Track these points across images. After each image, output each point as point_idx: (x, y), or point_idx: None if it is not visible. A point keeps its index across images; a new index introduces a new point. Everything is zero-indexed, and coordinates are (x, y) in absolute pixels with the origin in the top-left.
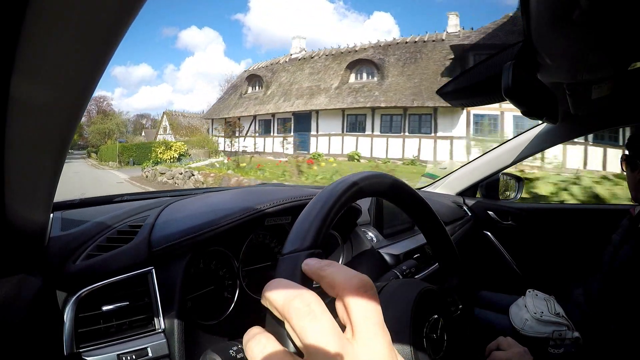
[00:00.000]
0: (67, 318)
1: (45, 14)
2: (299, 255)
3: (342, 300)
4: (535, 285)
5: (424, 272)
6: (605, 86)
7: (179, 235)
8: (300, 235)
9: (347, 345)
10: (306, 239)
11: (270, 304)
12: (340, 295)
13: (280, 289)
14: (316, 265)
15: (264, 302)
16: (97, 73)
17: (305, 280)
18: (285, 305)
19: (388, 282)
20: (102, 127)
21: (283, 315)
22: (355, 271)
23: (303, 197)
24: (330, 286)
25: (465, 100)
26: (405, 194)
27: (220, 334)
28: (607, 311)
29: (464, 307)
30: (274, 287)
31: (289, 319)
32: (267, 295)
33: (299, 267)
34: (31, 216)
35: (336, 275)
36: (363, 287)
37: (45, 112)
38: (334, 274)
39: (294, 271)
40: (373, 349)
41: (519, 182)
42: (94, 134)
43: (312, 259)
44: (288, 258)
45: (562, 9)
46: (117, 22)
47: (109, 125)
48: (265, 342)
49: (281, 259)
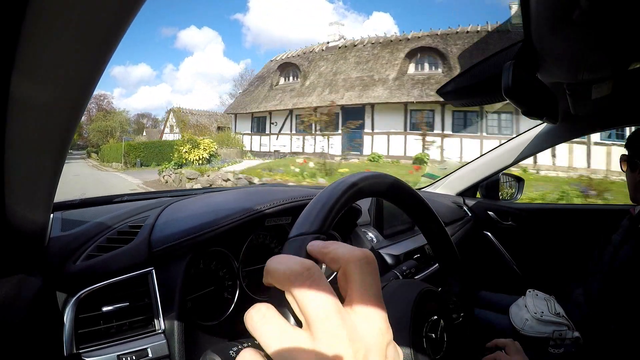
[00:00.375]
0: (67, 319)
1: (45, 13)
2: (304, 238)
3: (344, 272)
4: (535, 285)
5: (424, 272)
6: (605, 86)
7: (179, 235)
8: (307, 221)
9: (345, 314)
10: (313, 224)
11: (271, 275)
12: (343, 267)
13: (282, 260)
14: (320, 244)
15: (266, 280)
16: (97, 72)
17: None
18: (284, 274)
19: (388, 282)
20: (104, 124)
21: (283, 285)
22: (357, 247)
23: (303, 197)
24: (334, 260)
25: (465, 100)
26: (405, 194)
27: (221, 335)
28: (607, 311)
29: (464, 307)
30: (275, 259)
31: (289, 287)
32: (268, 268)
33: (304, 247)
34: (31, 216)
35: (339, 250)
36: (365, 259)
37: (45, 111)
38: (337, 249)
39: (299, 251)
40: (371, 321)
41: (519, 182)
42: (94, 133)
43: (317, 242)
44: (294, 240)
45: (562, 9)
46: (117, 22)
47: (111, 123)
48: (265, 312)
49: (287, 242)
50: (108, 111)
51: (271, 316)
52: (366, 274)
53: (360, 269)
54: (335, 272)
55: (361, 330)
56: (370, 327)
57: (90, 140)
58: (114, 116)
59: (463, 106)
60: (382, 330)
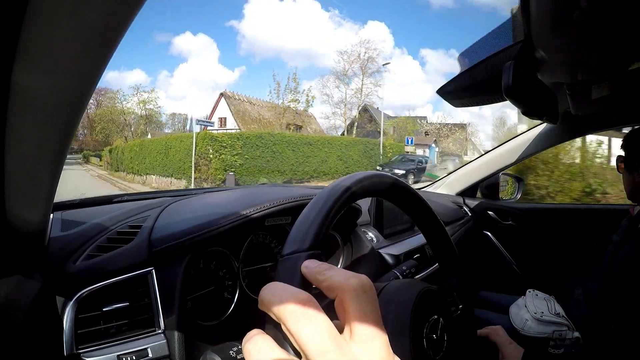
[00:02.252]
0: (67, 319)
1: (47, 7)
2: (298, 257)
3: (341, 301)
4: (535, 285)
5: (424, 272)
6: (605, 86)
7: (179, 235)
8: (299, 237)
9: (344, 345)
10: (306, 240)
11: (266, 307)
12: (339, 296)
13: (276, 292)
14: (315, 269)
15: (261, 307)
16: (98, 68)
17: (305, 283)
18: (280, 307)
19: (388, 282)
20: (109, 116)
21: (279, 318)
22: (354, 273)
23: (303, 197)
24: (330, 289)
25: (465, 100)
26: (405, 194)
27: (221, 335)
28: (607, 311)
29: (464, 307)
30: (269, 290)
31: (285, 322)
32: (262, 299)
33: (298, 269)
34: (31, 216)
35: (335, 278)
36: (362, 288)
37: (46, 109)
38: (333, 276)
39: (293, 273)
40: (371, 349)
41: (519, 182)
42: (100, 131)
43: (312, 261)
44: (287, 259)
45: (562, 9)
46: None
47: (119, 115)
48: (262, 344)
49: (281, 260)
50: (113, 109)
51: (268, 348)
52: (364, 303)
53: (357, 298)
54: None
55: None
56: (371, 356)
57: (88, 143)
58: (122, 109)
59: (463, 106)
60: (384, 358)
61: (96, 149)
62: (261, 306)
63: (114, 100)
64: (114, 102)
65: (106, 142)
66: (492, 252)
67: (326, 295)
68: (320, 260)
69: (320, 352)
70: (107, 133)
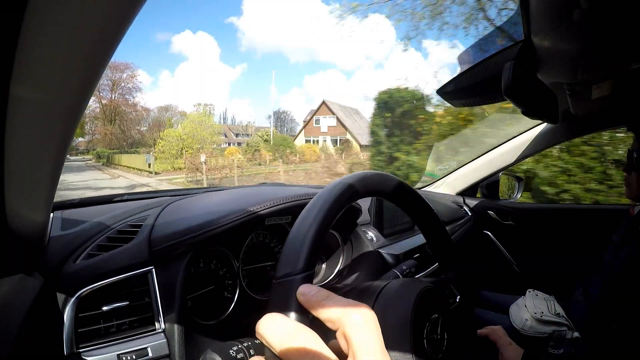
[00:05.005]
0: (67, 318)
1: (44, 14)
2: (292, 281)
3: (342, 333)
4: (535, 285)
5: (424, 272)
6: (605, 86)
7: (179, 234)
8: (291, 258)
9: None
10: (299, 262)
11: (265, 342)
12: (341, 329)
13: (275, 328)
14: (313, 298)
15: (259, 338)
16: (96, 72)
17: (301, 310)
18: (275, 344)
19: (388, 281)
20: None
21: (279, 354)
22: (353, 302)
23: (303, 196)
24: (330, 321)
25: (465, 100)
26: (406, 194)
27: (221, 334)
28: (607, 311)
29: (462, 299)
30: (267, 325)
31: (285, 358)
32: (262, 334)
33: (293, 295)
34: (31, 216)
35: (334, 311)
36: (363, 320)
37: (45, 109)
38: (332, 308)
39: (289, 300)
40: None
41: (519, 181)
42: (128, 121)
43: (307, 287)
44: (282, 284)
45: (562, 9)
46: (115, 23)
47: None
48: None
49: (274, 285)
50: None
51: None
52: (367, 334)
53: (359, 331)
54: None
55: None
56: None
57: (106, 138)
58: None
59: (463, 106)
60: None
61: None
62: (260, 338)
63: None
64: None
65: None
66: (492, 251)
67: (327, 325)
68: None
69: None
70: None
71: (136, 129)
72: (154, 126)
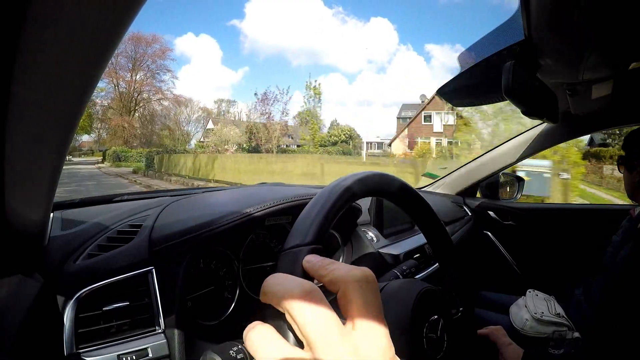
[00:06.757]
0: (67, 318)
1: (44, 15)
2: (300, 250)
3: (343, 293)
4: (535, 285)
5: (424, 272)
6: (605, 86)
7: (179, 234)
8: (301, 232)
9: (346, 335)
10: (307, 235)
11: (270, 297)
12: (342, 288)
13: (280, 282)
14: (318, 264)
15: (263, 298)
16: (96, 72)
17: (307, 277)
18: (285, 296)
19: (388, 281)
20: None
21: (282, 307)
22: (356, 266)
23: (303, 196)
24: (332, 282)
25: (465, 100)
26: (406, 194)
27: (221, 334)
28: (607, 311)
29: (465, 309)
30: (273, 280)
31: (289, 310)
32: (266, 289)
33: (299, 262)
34: (31, 216)
35: (338, 271)
36: (365, 279)
37: (45, 109)
38: (334, 271)
39: (295, 266)
40: (373, 339)
41: (519, 182)
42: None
43: (313, 256)
44: (289, 253)
45: (562, 9)
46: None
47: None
48: (265, 333)
49: (282, 254)
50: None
51: (271, 337)
52: (367, 293)
53: (360, 289)
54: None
55: (363, 349)
56: (372, 345)
57: (128, 136)
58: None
59: (463, 106)
60: (384, 347)
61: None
62: (263, 297)
63: None
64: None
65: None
66: (492, 252)
67: (329, 289)
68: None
69: (324, 341)
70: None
71: (165, 124)
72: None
